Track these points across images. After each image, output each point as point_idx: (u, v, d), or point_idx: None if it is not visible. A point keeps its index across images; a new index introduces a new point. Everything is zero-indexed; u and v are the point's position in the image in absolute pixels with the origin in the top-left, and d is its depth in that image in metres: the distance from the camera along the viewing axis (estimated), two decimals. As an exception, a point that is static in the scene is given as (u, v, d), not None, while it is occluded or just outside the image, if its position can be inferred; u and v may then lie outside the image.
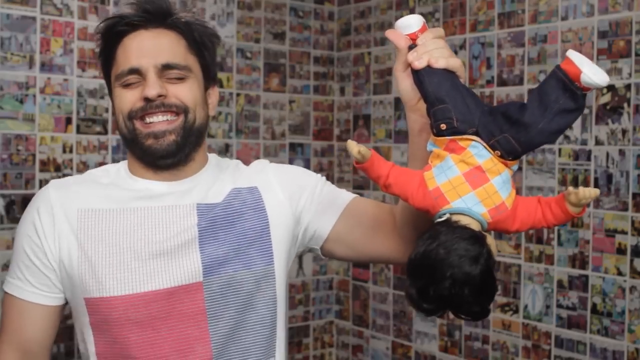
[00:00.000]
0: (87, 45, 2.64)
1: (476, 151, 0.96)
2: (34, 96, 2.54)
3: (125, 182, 1.28)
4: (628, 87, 2.27)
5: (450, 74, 1.01)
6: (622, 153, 2.29)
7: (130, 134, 1.24)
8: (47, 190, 1.27)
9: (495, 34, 2.65)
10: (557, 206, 0.96)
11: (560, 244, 2.46)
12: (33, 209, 1.26)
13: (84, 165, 2.63)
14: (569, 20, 2.42)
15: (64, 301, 1.27)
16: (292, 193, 1.31)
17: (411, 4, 2.97)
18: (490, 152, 0.96)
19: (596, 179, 2.36)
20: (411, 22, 1.07)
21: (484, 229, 0.96)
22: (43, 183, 2.55)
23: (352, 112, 3.27)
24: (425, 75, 1.01)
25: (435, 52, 1.01)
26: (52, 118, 2.57)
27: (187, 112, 1.24)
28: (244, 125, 3.07)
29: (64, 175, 2.60)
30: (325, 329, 3.37)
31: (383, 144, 3.08)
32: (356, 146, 0.98)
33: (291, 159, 3.22)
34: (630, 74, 2.26)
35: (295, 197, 1.31)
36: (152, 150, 1.23)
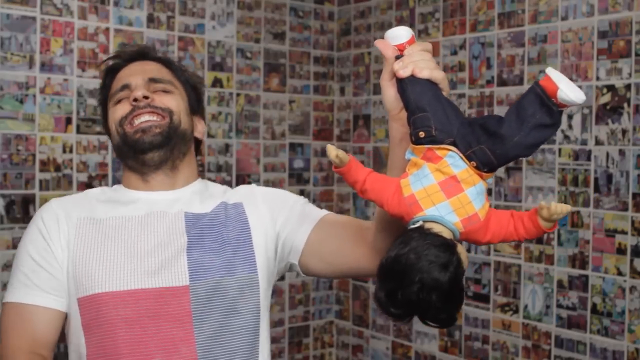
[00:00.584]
0: (87, 45, 2.64)
1: (452, 161, 0.98)
2: (34, 96, 2.54)
3: (121, 195, 1.38)
4: (628, 87, 2.27)
5: (433, 85, 1.04)
6: (622, 153, 2.29)
7: (122, 138, 1.35)
8: (49, 203, 1.35)
9: (495, 34, 2.65)
10: (530, 220, 0.98)
11: (560, 244, 2.46)
12: (37, 218, 1.33)
13: (84, 165, 2.63)
14: (569, 20, 2.42)
15: (67, 310, 1.30)
16: (273, 208, 1.39)
17: (411, 4, 2.97)
18: (466, 162, 0.98)
19: (596, 179, 2.36)
20: (400, 34, 1.09)
21: (455, 238, 0.98)
22: (43, 183, 2.56)
23: (352, 112, 3.27)
24: (408, 83, 1.03)
25: (421, 63, 1.04)
26: (52, 118, 2.57)
27: (172, 114, 1.35)
28: (244, 125, 3.07)
29: (64, 176, 2.60)
30: (325, 329, 3.37)
31: (383, 144, 3.08)
32: (334, 150, 1.01)
33: (291, 159, 3.22)
34: (630, 74, 2.26)
35: (276, 212, 1.38)
36: (140, 143, 1.32)
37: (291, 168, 3.23)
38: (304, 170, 3.26)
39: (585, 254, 2.39)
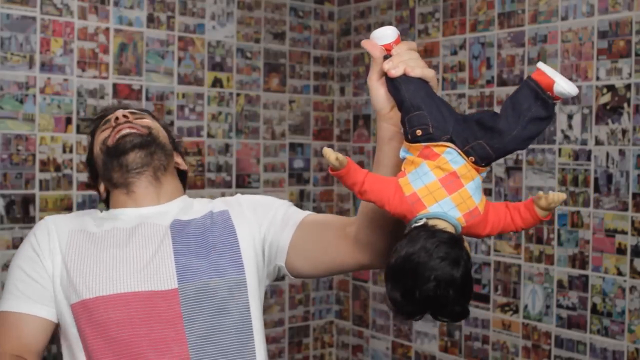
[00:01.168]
0: (87, 45, 2.64)
1: (451, 157, 1.00)
2: (34, 96, 2.54)
3: (110, 213, 1.45)
4: (628, 87, 2.27)
5: (425, 83, 1.05)
6: (622, 153, 2.29)
7: (105, 152, 1.43)
8: (43, 220, 1.42)
9: (495, 34, 2.65)
10: (526, 210, 1.01)
11: (560, 244, 2.46)
12: (30, 234, 1.39)
13: (84, 165, 2.63)
14: (569, 20, 2.42)
15: (57, 320, 1.35)
16: (258, 213, 1.43)
17: (411, 4, 2.97)
18: (464, 158, 1.00)
19: (596, 179, 2.36)
20: (387, 33, 1.10)
21: (457, 233, 1.00)
22: (43, 183, 2.56)
23: (352, 112, 3.27)
24: (401, 83, 1.04)
25: (411, 62, 1.05)
26: (52, 118, 2.57)
27: (151, 129, 1.45)
28: (244, 125, 3.07)
29: (64, 176, 2.60)
30: (325, 329, 3.37)
31: (383, 144, 3.07)
32: (334, 153, 1.01)
33: (291, 159, 3.22)
34: (630, 74, 2.26)
35: (261, 216, 1.42)
36: (121, 145, 1.41)
37: (291, 168, 3.23)
38: (304, 170, 3.26)
39: (585, 254, 2.39)
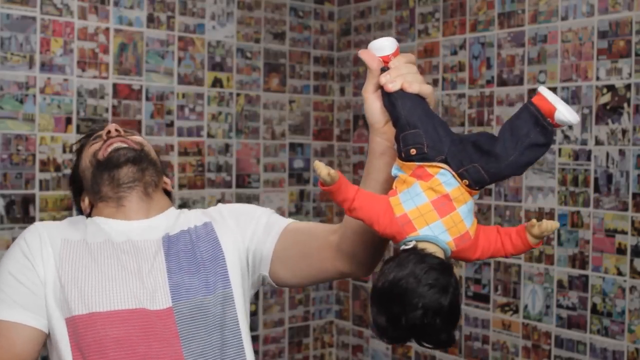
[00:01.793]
0: (87, 45, 2.64)
1: (444, 179, 0.97)
2: (34, 96, 2.54)
3: (100, 222, 1.41)
4: (628, 87, 2.27)
5: (422, 99, 1.01)
6: (622, 153, 2.29)
7: (95, 166, 1.40)
8: (33, 226, 1.37)
9: (495, 34, 2.65)
10: (518, 237, 0.98)
11: (560, 244, 2.46)
12: (20, 240, 1.34)
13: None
14: (569, 20, 2.42)
15: (47, 332, 1.30)
16: (240, 223, 1.41)
17: (411, 4, 2.97)
18: (458, 180, 0.97)
19: (596, 179, 2.36)
20: (385, 45, 1.06)
21: (446, 257, 0.97)
22: (43, 183, 2.56)
23: (352, 112, 3.27)
24: (398, 98, 1.01)
25: (409, 77, 1.01)
26: (52, 118, 2.57)
27: (143, 146, 1.42)
28: (244, 125, 3.07)
29: (64, 176, 2.60)
30: (325, 329, 3.37)
31: (383, 144, 3.07)
32: (325, 168, 0.98)
33: (291, 159, 3.22)
34: (630, 74, 2.26)
35: (243, 226, 1.41)
36: (115, 158, 1.38)
37: (291, 168, 3.23)
38: (304, 170, 3.26)
39: (585, 254, 2.39)
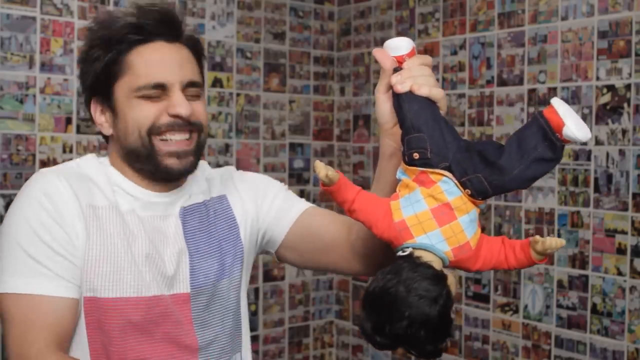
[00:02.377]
0: (87, 45, 2.64)
1: (447, 187, 0.94)
2: (34, 96, 2.54)
3: (127, 187, 1.24)
4: (628, 87, 2.27)
5: (432, 103, 0.99)
6: (622, 153, 2.29)
7: (146, 149, 1.20)
8: (49, 178, 1.18)
9: (495, 34, 2.65)
10: (521, 251, 0.95)
11: (560, 244, 2.45)
12: (39, 195, 1.15)
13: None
14: (569, 20, 2.42)
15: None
16: (255, 200, 1.35)
17: (411, 4, 2.97)
18: (460, 189, 0.94)
19: (596, 179, 2.36)
20: (401, 45, 1.04)
21: (445, 265, 0.95)
22: (43, 183, 2.55)
23: (352, 112, 3.27)
24: (405, 100, 0.98)
25: (420, 79, 0.99)
26: (52, 118, 2.57)
27: (201, 130, 1.24)
28: (244, 125, 3.07)
29: (64, 175, 2.59)
30: (325, 329, 3.37)
31: (383, 144, 3.07)
32: (324, 169, 0.97)
33: (291, 159, 3.22)
34: (630, 74, 2.26)
35: (259, 205, 1.35)
36: (172, 170, 1.21)
37: (291, 168, 3.23)
38: (304, 170, 3.26)
39: (585, 254, 2.39)
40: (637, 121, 2.26)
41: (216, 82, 2.98)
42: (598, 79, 2.34)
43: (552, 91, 2.46)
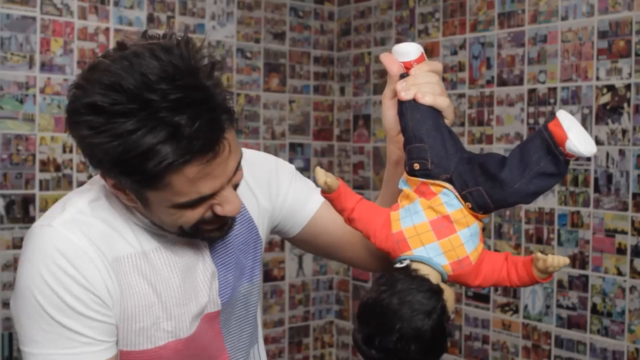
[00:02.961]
0: (87, 45, 2.64)
1: (447, 199, 0.92)
2: (34, 96, 2.54)
3: (141, 225, 1.11)
4: (628, 87, 2.27)
5: (436, 112, 0.96)
6: (622, 153, 2.29)
7: (187, 234, 1.08)
8: (63, 234, 1.04)
9: (495, 34, 2.65)
10: (524, 268, 0.92)
11: (560, 244, 2.46)
12: (57, 257, 1.03)
13: (84, 165, 2.63)
14: (569, 20, 2.42)
15: None
16: (269, 195, 1.29)
17: (411, 4, 2.97)
18: (461, 202, 0.92)
19: (596, 179, 2.36)
20: (409, 50, 1.00)
21: (444, 280, 0.93)
22: (43, 183, 2.55)
23: (352, 112, 3.27)
24: (408, 108, 0.96)
25: (424, 87, 0.96)
26: (52, 118, 2.57)
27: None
28: (244, 125, 3.07)
29: (64, 176, 2.60)
30: (325, 329, 3.37)
31: (383, 143, 3.08)
32: (323, 176, 0.94)
33: (291, 159, 3.21)
34: (630, 74, 2.26)
35: (272, 199, 1.29)
36: (213, 239, 1.13)
37: (291, 168, 3.22)
38: (304, 170, 3.26)
39: (585, 254, 2.39)
40: (637, 121, 2.26)
41: (216, 82, 2.97)
42: (598, 79, 2.34)
43: (552, 91, 2.46)
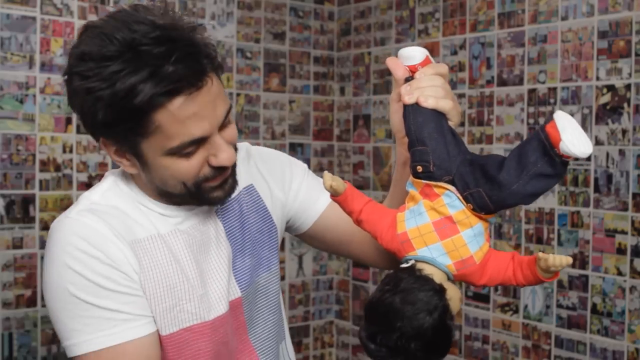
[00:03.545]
0: (87, 45, 2.64)
1: (449, 201, 0.94)
2: (34, 96, 2.54)
3: (155, 209, 1.14)
4: (628, 87, 2.27)
5: (439, 115, 0.98)
6: (622, 153, 2.29)
7: (192, 193, 1.09)
8: (82, 221, 1.06)
9: (495, 34, 2.65)
10: (528, 268, 0.93)
11: (560, 244, 2.46)
12: (79, 243, 1.04)
13: (84, 165, 2.63)
14: (569, 20, 2.42)
15: None
16: (283, 187, 1.30)
17: (411, 4, 2.97)
18: (463, 203, 0.93)
19: (596, 179, 2.36)
20: (414, 54, 1.02)
21: (450, 279, 0.95)
22: (43, 183, 2.55)
23: (352, 112, 3.27)
24: (411, 112, 0.98)
25: (427, 90, 0.98)
26: (52, 118, 2.57)
27: (236, 148, 1.14)
28: (244, 125, 3.07)
29: (64, 176, 2.59)
30: (325, 329, 3.37)
31: (383, 143, 3.08)
32: (329, 180, 0.97)
33: (291, 159, 3.21)
34: (630, 74, 2.26)
35: (286, 190, 1.30)
36: (217, 201, 1.13)
37: (291, 168, 3.22)
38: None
39: (585, 254, 2.39)
40: (637, 121, 2.26)
41: (216, 82, 2.98)
42: (598, 79, 2.34)
43: (552, 91, 2.46)
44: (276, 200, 1.29)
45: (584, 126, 2.38)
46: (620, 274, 2.30)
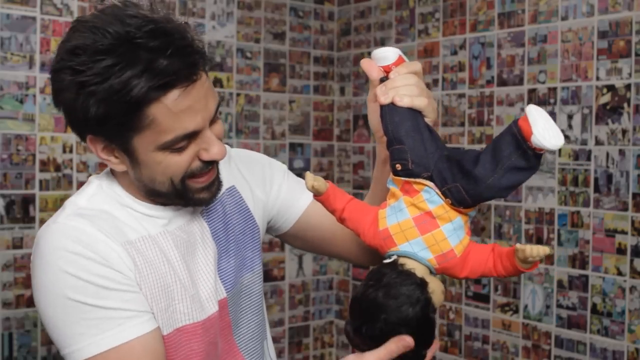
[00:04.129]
0: (87, 45, 2.64)
1: (428, 196, 0.96)
2: (34, 96, 2.54)
3: (142, 211, 1.13)
4: (628, 87, 2.27)
5: (415, 113, 1.00)
6: (622, 153, 2.29)
7: (178, 192, 1.08)
8: (71, 225, 1.05)
9: (495, 34, 2.65)
10: (507, 259, 0.94)
11: (560, 244, 2.46)
12: (71, 245, 1.03)
13: (84, 165, 2.63)
14: (569, 20, 2.42)
15: None
16: (264, 187, 1.31)
17: (411, 4, 2.97)
18: (442, 198, 0.95)
19: (596, 179, 2.36)
20: (387, 55, 1.04)
21: (432, 273, 0.97)
22: (43, 183, 2.55)
23: (352, 112, 3.27)
24: (388, 112, 1.00)
25: (402, 90, 0.99)
26: (52, 118, 2.57)
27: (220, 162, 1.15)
28: (244, 125, 3.07)
29: (64, 176, 2.59)
30: (325, 329, 3.37)
31: (383, 144, 3.07)
32: (311, 181, 0.99)
33: (291, 159, 3.22)
34: (630, 74, 2.26)
35: (267, 191, 1.31)
36: (203, 202, 1.12)
37: (291, 168, 3.21)
38: (304, 170, 3.26)
39: (585, 254, 2.39)
40: (637, 121, 2.26)
41: (216, 82, 2.98)
42: (598, 79, 2.34)
43: (552, 91, 2.46)
44: (258, 201, 1.29)
45: (584, 126, 2.38)
46: (620, 274, 2.30)
